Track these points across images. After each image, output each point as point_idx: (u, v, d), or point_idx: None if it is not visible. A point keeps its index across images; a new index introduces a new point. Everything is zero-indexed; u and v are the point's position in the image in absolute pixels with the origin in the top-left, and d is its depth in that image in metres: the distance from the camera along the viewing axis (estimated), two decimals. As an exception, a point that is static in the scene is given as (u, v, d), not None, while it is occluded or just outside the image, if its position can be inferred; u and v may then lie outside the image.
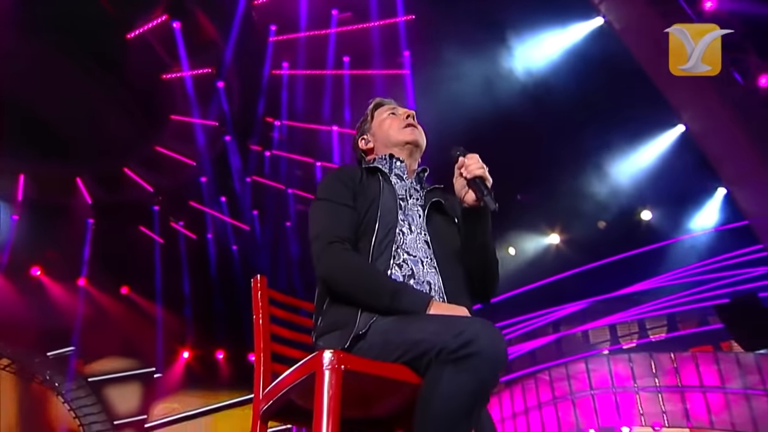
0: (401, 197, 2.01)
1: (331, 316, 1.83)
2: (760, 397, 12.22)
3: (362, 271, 1.80)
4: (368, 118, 2.30)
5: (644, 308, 14.66)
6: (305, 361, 1.64)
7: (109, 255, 15.17)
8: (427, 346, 1.58)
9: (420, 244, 1.93)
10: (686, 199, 14.08)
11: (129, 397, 17.14)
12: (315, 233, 1.89)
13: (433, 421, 1.52)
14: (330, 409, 1.49)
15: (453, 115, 11.64)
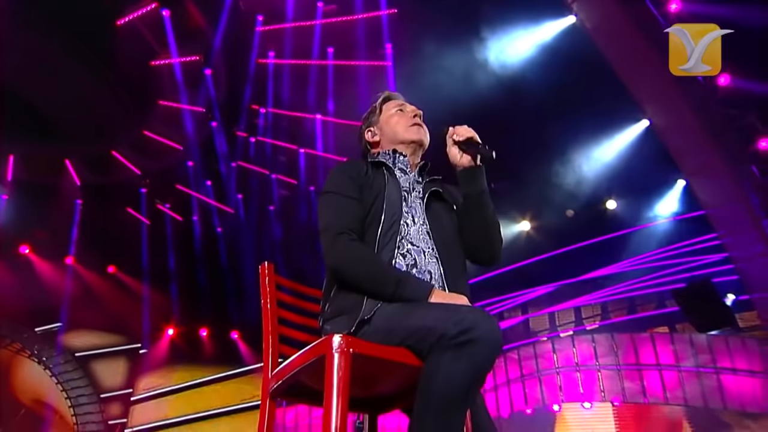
0: (405, 190, 2.02)
1: (338, 302, 1.86)
2: (710, 374, 12.48)
3: (368, 262, 1.82)
4: (376, 110, 2.28)
5: (607, 292, 14.79)
6: (315, 344, 1.68)
7: (97, 235, 15.14)
8: (429, 333, 1.62)
9: (422, 235, 1.96)
10: (648, 189, 14.25)
11: (115, 371, 17.13)
12: (324, 225, 1.91)
13: (434, 402, 1.57)
14: (339, 390, 1.53)
15: (432, 106, 11.83)
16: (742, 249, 12.04)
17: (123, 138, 14.14)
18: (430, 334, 1.60)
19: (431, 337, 1.60)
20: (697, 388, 12.52)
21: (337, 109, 14.09)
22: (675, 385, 12.76)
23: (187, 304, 16.84)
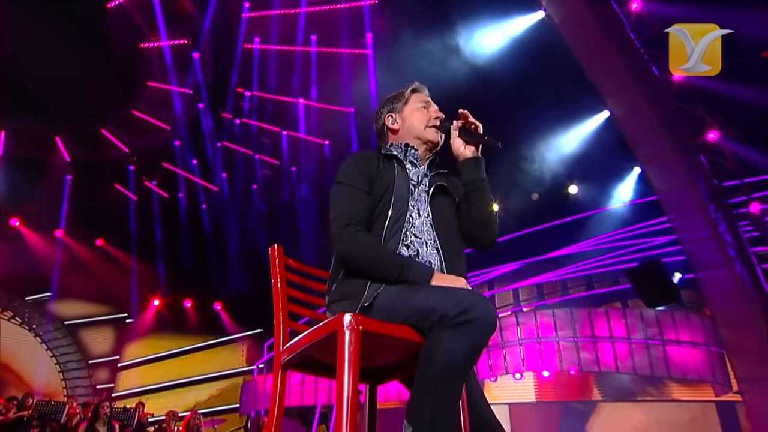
0: (413, 183, 2.04)
1: (343, 287, 1.89)
2: (657, 346, 12.69)
3: (374, 250, 1.86)
4: (403, 98, 2.23)
5: (567, 270, 14.92)
6: (327, 322, 1.72)
7: (86, 209, 15.08)
8: (430, 312, 1.66)
9: (425, 227, 1.99)
10: (607, 176, 14.41)
11: (103, 339, 17.19)
12: (334, 215, 1.93)
13: (435, 375, 1.63)
14: (351, 363, 1.59)
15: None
16: (689, 232, 12.32)
17: (112, 117, 14.08)
18: (432, 313, 1.66)
19: (433, 316, 1.65)
20: (645, 358, 12.70)
21: (320, 94, 14.12)
22: (626, 356, 12.92)
23: (172, 276, 16.92)
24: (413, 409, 1.65)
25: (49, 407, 10.26)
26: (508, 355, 14.20)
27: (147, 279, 16.82)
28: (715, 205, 11.88)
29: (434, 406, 1.62)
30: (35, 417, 9.93)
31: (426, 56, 12.57)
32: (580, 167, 14.64)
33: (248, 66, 13.89)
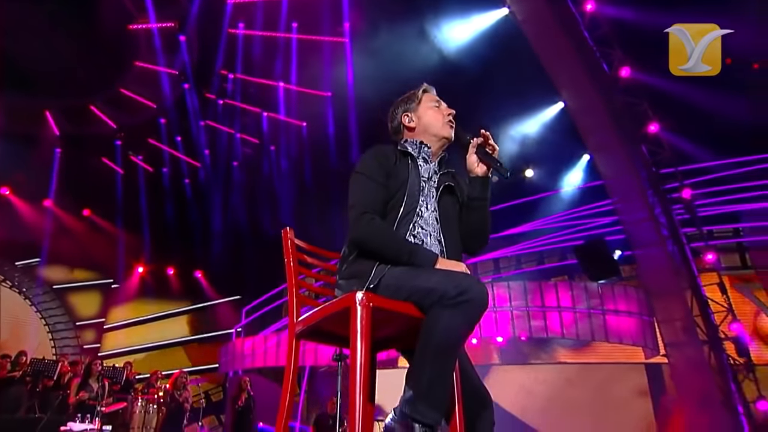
0: (424, 179, 2.08)
1: (353, 267, 1.94)
2: (598, 315, 13.22)
3: (387, 236, 1.91)
4: (416, 99, 2.26)
5: (521, 246, 15.12)
6: (341, 298, 1.79)
7: (74, 181, 14.91)
8: (432, 292, 1.72)
9: (432, 221, 2.04)
10: (560, 161, 14.79)
11: (89, 303, 17.08)
12: (352, 203, 1.97)
13: (434, 347, 1.69)
14: (363, 334, 1.67)
15: (383, 78, 11.84)
16: (629, 214, 12.71)
17: (100, 94, 13.90)
18: (433, 293, 1.71)
19: (434, 295, 1.71)
20: (587, 326, 13.18)
21: (299, 78, 14.11)
22: (570, 323, 13.35)
23: (156, 245, 16.85)
24: (414, 375, 1.73)
25: (42, 365, 10.18)
26: None
27: (132, 247, 16.72)
28: (652, 190, 12.15)
29: (432, 373, 1.69)
30: (29, 374, 9.94)
31: (399, 45, 12.68)
32: (536, 153, 14.97)
33: (232, 50, 13.83)
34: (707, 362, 11.42)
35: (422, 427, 1.68)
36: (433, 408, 1.69)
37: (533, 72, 12.50)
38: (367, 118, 13.60)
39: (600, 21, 11.77)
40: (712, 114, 11.64)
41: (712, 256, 11.91)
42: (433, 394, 1.69)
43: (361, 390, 1.64)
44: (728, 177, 12.87)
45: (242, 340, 15.68)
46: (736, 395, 10.95)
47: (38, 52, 12.11)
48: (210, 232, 16.21)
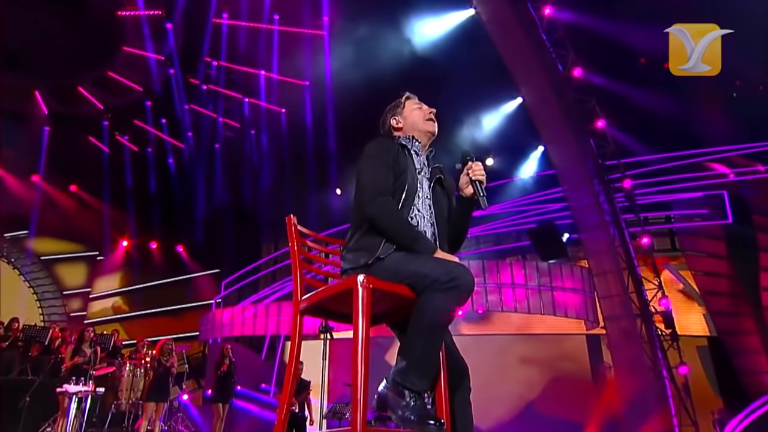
0: (418, 170, 2.16)
1: (363, 240, 2.00)
2: (547, 291, 13.55)
3: (398, 218, 1.97)
4: (402, 105, 2.36)
5: (480, 228, 15.16)
6: (344, 280, 1.86)
7: (61, 158, 14.73)
8: (425, 277, 1.79)
9: (425, 206, 2.13)
10: (518, 151, 15.07)
11: (76, 273, 16.94)
12: (366, 183, 2.02)
13: (426, 326, 1.77)
14: (364, 312, 1.73)
15: (358, 70, 12.14)
16: (577, 200, 13.07)
17: (88, 75, 13.71)
18: (427, 278, 1.79)
19: (427, 280, 1.78)
20: (538, 301, 13.51)
21: (280, 67, 14.09)
22: (523, 299, 13.65)
23: (140, 221, 16.77)
24: (406, 349, 1.82)
25: (33, 331, 10.33)
26: None
27: (117, 222, 16.60)
28: (598, 179, 12.46)
29: (423, 348, 1.78)
30: (21, 339, 10.09)
31: (374, 40, 12.80)
32: (496, 143, 15.08)
33: (217, 38, 13.74)
34: (639, 333, 12.07)
35: (411, 393, 1.77)
36: (424, 377, 1.79)
37: (495, 69, 12.68)
38: (342, 106, 13.62)
39: (557, 25, 12.04)
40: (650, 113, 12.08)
41: (647, 239, 12.40)
42: (424, 366, 1.79)
43: (363, 360, 1.71)
44: (662, 169, 13.19)
45: (221, 310, 15.78)
46: (662, 361, 11.68)
47: (29, 33, 11.91)
48: (191, 210, 16.15)
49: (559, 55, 12.18)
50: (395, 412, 1.76)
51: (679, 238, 14.06)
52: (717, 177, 13.40)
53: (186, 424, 10.47)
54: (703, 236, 13.58)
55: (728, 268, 13.48)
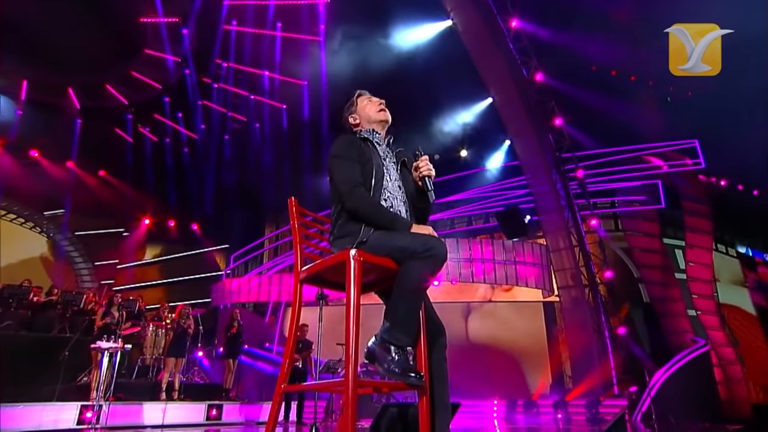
0: (383, 157, 2.10)
1: (344, 228, 1.95)
2: (511, 265, 13.69)
3: (375, 205, 1.93)
4: (354, 103, 2.28)
5: (455, 211, 15.36)
6: (338, 254, 1.83)
7: (91, 146, 14.63)
8: (405, 249, 1.79)
9: (396, 188, 2.07)
10: (488, 144, 15.20)
11: (105, 247, 16.90)
12: (339, 180, 1.97)
13: (406, 289, 1.77)
14: (356, 282, 1.73)
15: (350, 72, 12.24)
16: (537, 187, 13.31)
17: (114, 74, 13.55)
18: (406, 250, 1.78)
19: (407, 252, 1.78)
20: (503, 273, 13.82)
21: (281, 68, 14.01)
22: (490, 271, 13.92)
23: (159, 202, 16.76)
24: (391, 310, 1.80)
25: (70, 295, 10.36)
26: None
27: (139, 203, 16.61)
28: (555, 169, 12.80)
29: (406, 308, 1.78)
30: (59, 302, 10.15)
31: (363, 46, 12.79)
32: (468, 137, 15.36)
33: (227, 42, 13.64)
34: (587, 300, 12.44)
35: (397, 348, 1.76)
36: (406, 334, 1.78)
37: (469, 72, 12.77)
38: (336, 102, 13.40)
39: (521, 35, 12.18)
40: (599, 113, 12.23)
41: (595, 221, 12.82)
42: (406, 324, 1.78)
43: (354, 322, 1.70)
44: (609, 162, 13.40)
45: (230, 280, 15.93)
46: (605, 324, 12.06)
47: (64, 36, 11.75)
48: (204, 192, 16.10)
49: (524, 62, 12.31)
50: (382, 365, 1.76)
51: (622, 220, 14.27)
52: (653, 169, 13.66)
53: (201, 376, 10.61)
54: (640, 218, 13.87)
55: (660, 245, 13.84)
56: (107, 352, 6.63)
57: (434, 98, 13.76)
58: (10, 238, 14.87)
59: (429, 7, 12.58)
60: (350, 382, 1.66)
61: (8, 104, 13.30)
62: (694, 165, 13.57)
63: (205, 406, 8.31)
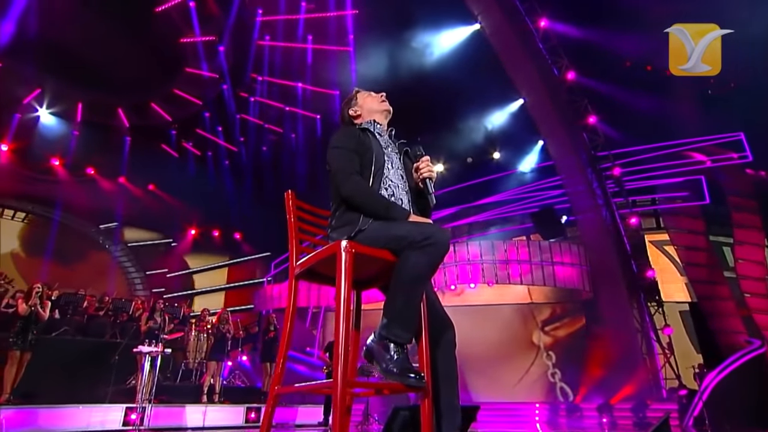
0: (384, 147, 2.02)
1: (343, 217, 1.87)
2: (548, 266, 13.39)
3: (371, 193, 1.85)
4: (355, 97, 2.23)
5: (490, 213, 15.09)
6: (329, 246, 1.73)
7: (140, 162, 15.01)
8: (403, 239, 1.68)
9: (398, 177, 1.98)
10: (520, 145, 14.82)
11: (155, 257, 17.39)
12: (336, 169, 1.90)
13: (404, 281, 1.66)
14: (346, 275, 1.62)
15: (380, 79, 12.20)
16: (572, 187, 12.92)
17: (158, 93, 14.00)
18: (404, 239, 1.68)
19: (404, 241, 1.67)
20: (540, 274, 13.41)
21: (313, 79, 14.16)
22: (527, 272, 13.55)
23: (204, 213, 17.07)
24: (388, 304, 1.70)
25: (120, 303, 10.58)
26: (447, 273, 14.24)
27: (186, 214, 16.96)
28: (591, 168, 12.45)
29: (403, 301, 1.67)
30: (111, 309, 10.44)
31: (392, 53, 12.77)
32: (501, 139, 15.04)
33: (260, 57, 13.86)
34: (628, 300, 11.85)
35: (396, 345, 1.66)
36: (405, 330, 1.67)
37: (499, 76, 12.59)
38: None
39: (551, 35, 11.90)
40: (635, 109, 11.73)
41: (635, 219, 12.27)
42: (404, 319, 1.67)
43: (344, 318, 1.60)
44: (647, 159, 12.86)
45: (271, 286, 16.03)
46: (648, 324, 11.43)
47: (113, 60, 12.26)
48: (246, 202, 16.30)
49: (554, 61, 11.99)
50: (380, 364, 1.66)
51: (663, 218, 13.62)
52: (695, 164, 12.98)
53: (243, 379, 10.68)
54: (683, 215, 13.16)
55: (706, 243, 13.04)
56: (148, 356, 6.73)
57: (465, 102, 13.57)
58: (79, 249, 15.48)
59: (456, 12, 12.45)
60: (338, 383, 1.53)
61: (65, 126, 13.89)
62: (740, 159, 12.72)
63: (243, 408, 8.32)
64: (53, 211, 14.78)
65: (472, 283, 14.48)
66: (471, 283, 14.50)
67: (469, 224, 15.99)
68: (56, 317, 9.00)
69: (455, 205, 15.16)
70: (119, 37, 11.89)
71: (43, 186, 14.24)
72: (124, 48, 12.05)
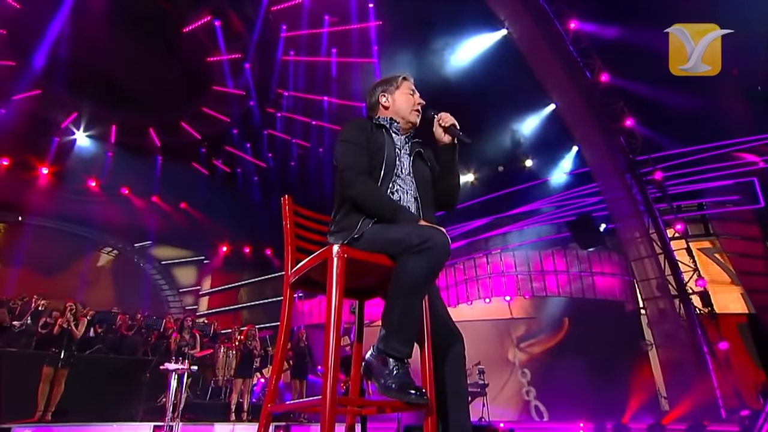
0: (397, 148, 1.94)
1: (342, 222, 1.79)
2: (587, 277, 13.21)
3: (378, 195, 1.76)
4: (397, 84, 2.07)
5: (523, 223, 14.80)
6: (321, 251, 1.65)
7: (172, 181, 15.37)
8: (400, 242, 1.59)
9: (408, 181, 1.90)
10: (553, 152, 14.39)
11: (188, 274, 17.77)
12: (344, 166, 1.80)
13: (402, 289, 1.57)
14: (338, 282, 1.55)
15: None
16: (610, 194, 12.53)
17: (187, 112, 14.32)
18: (401, 243, 1.59)
19: (401, 245, 1.58)
20: (579, 285, 13.17)
21: (338, 92, 14.20)
22: (565, 284, 13.34)
23: (235, 229, 17.29)
24: (386, 315, 1.61)
25: (152, 320, 10.77)
26: (480, 285, 14.39)
27: (217, 232, 17.24)
28: (630, 173, 12.07)
29: (401, 311, 1.57)
30: (143, 327, 10.55)
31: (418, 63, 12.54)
32: (533, 146, 14.64)
33: (285, 72, 14.00)
34: (677, 312, 11.24)
35: (395, 360, 1.57)
36: (404, 344, 1.58)
37: (528, 81, 12.39)
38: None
39: (581, 37, 11.65)
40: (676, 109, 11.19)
41: (680, 226, 11.72)
42: (403, 331, 1.58)
43: (335, 328, 1.52)
44: (692, 161, 12.29)
45: (302, 302, 16.07)
46: (701, 338, 10.76)
47: (143, 81, 12.64)
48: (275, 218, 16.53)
49: (586, 64, 11.72)
50: (378, 380, 1.57)
51: (712, 224, 12.98)
52: (746, 165, 12.27)
53: (272, 396, 10.55)
54: (735, 221, 12.52)
55: (763, 249, 12.29)
56: (175, 374, 6.73)
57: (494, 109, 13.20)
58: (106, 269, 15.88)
59: (482, 19, 12.34)
60: (327, 400, 1.42)
61: (100, 148, 14.42)
62: (795, 158, 11.97)
63: (272, 427, 8.23)
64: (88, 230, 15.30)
65: (507, 295, 14.24)
66: (506, 296, 14.26)
67: (502, 235, 15.67)
68: (90, 335, 9.10)
69: (487, 216, 14.95)
70: (149, 59, 12.21)
71: (81, 206, 14.75)
72: (154, 69, 12.37)
